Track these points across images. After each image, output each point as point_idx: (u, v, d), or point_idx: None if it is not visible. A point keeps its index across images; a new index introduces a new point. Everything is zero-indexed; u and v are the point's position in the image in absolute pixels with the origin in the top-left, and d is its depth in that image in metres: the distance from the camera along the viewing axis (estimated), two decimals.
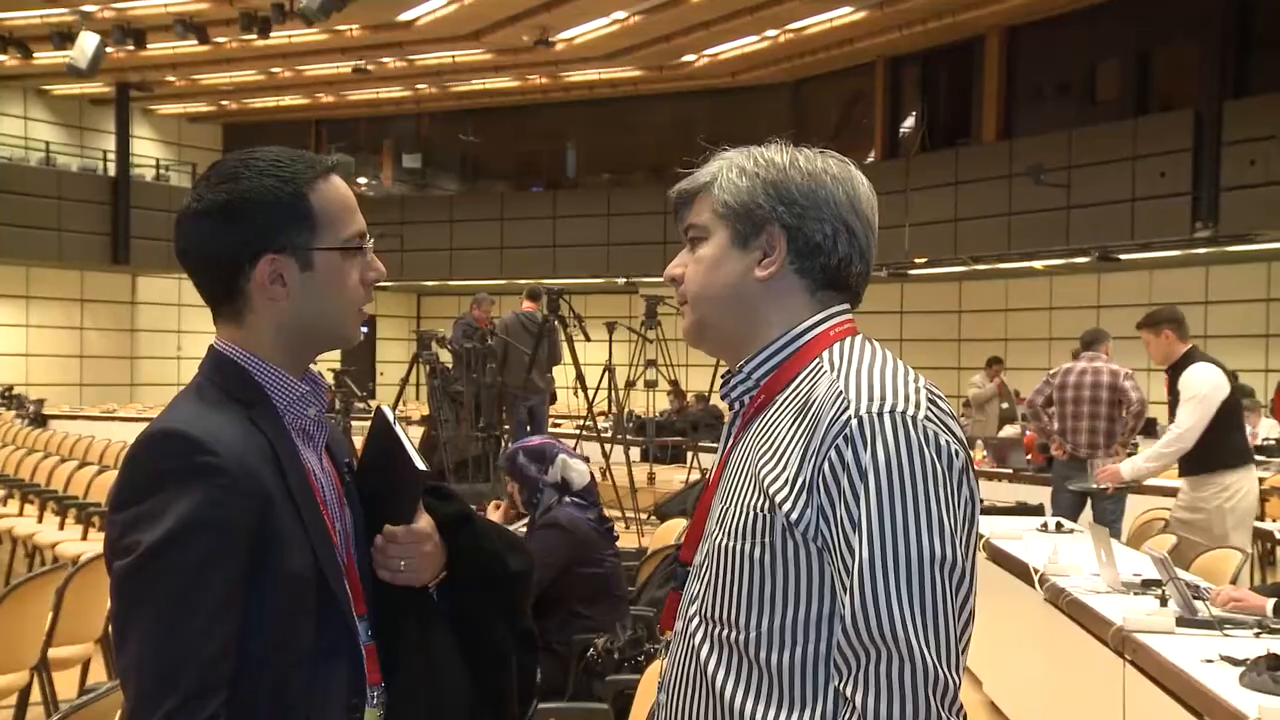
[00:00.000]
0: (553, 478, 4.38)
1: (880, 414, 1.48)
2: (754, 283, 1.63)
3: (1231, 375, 6.37)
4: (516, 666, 1.83)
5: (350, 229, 1.69)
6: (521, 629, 1.86)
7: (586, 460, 4.78)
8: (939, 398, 1.55)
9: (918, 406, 1.50)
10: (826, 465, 1.48)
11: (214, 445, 1.53)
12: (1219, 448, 6.14)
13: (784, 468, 1.51)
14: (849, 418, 1.48)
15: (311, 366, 1.77)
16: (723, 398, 1.71)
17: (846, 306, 1.67)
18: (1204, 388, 6.15)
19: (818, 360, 1.59)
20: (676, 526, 6.40)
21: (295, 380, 1.69)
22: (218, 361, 1.67)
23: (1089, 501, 7.52)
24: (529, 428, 11.11)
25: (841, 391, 1.51)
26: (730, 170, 1.67)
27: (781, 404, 1.58)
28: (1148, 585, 4.43)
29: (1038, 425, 8.40)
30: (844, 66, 20.44)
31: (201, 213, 1.64)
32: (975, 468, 1.55)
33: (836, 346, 1.60)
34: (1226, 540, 6.00)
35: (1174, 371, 6.37)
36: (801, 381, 1.58)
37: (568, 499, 4.36)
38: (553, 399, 12.34)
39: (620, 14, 17.85)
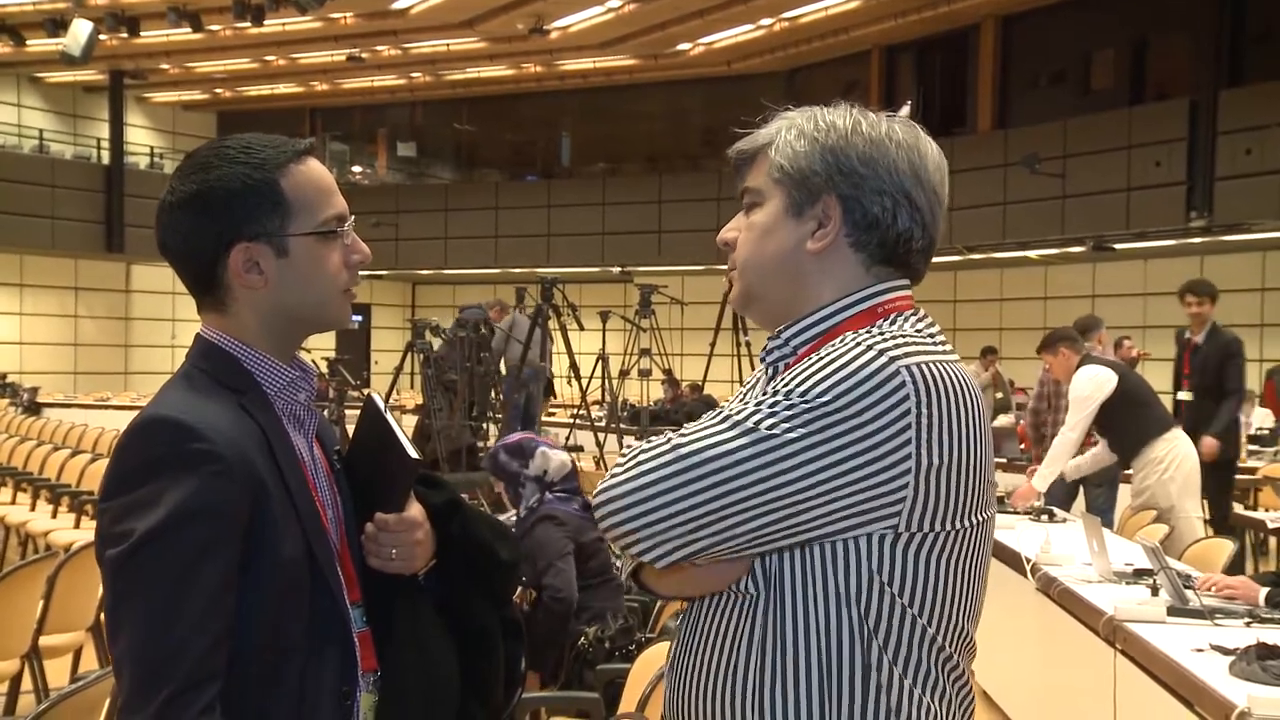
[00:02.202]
0: (534, 471, 4.39)
1: (860, 343, 1.46)
2: (806, 254, 1.55)
3: (1125, 366, 6.94)
4: (503, 653, 1.83)
5: (327, 212, 1.67)
6: (508, 617, 1.86)
7: (579, 449, 4.80)
8: (959, 378, 1.48)
9: (906, 357, 1.44)
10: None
11: (206, 432, 1.52)
12: (1136, 425, 6.60)
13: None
14: (832, 344, 1.49)
15: (303, 354, 1.76)
16: (761, 360, 1.64)
17: (904, 282, 1.59)
18: (1084, 390, 6.59)
19: (856, 334, 1.51)
20: None
21: (284, 366, 1.68)
22: (206, 349, 1.66)
23: (1080, 490, 7.56)
24: (522, 415, 11.11)
25: (852, 335, 1.49)
26: (789, 132, 1.57)
27: None
28: (1139, 575, 4.45)
29: (1034, 421, 8.48)
30: (839, 55, 20.43)
31: (175, 205, 1.64)
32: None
33: (884, 321, 1.53)
34: (1179, 511, 6.40)
35: None
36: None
37: (549, 495, 4.37)
38: (549, 389, 12.31)
39: (615, 2, 17.82)
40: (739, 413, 1.44)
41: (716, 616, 1.53)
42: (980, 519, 1.51)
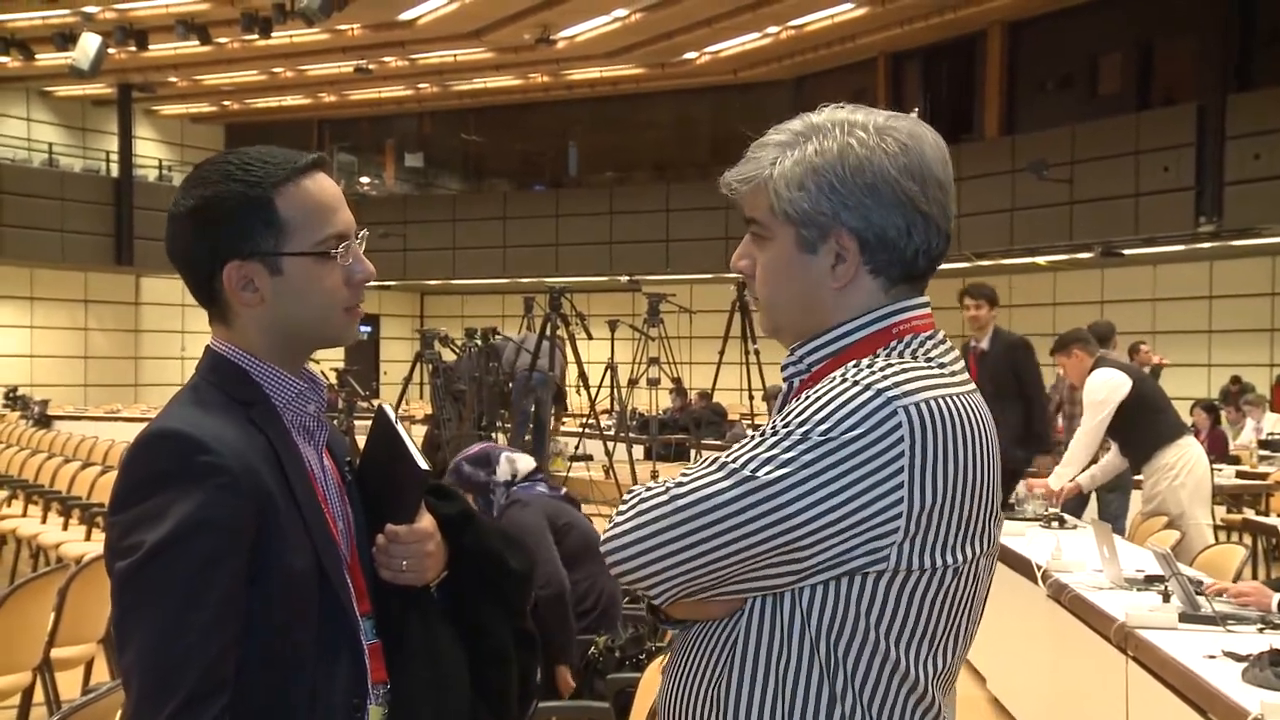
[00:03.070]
0: (502, 476, 4.37)
1: (858, 381, 1.45)
2: (828, 289, 1.54)
3: (1140, 371, 6.93)
4: (517, 665, 1.83)
5: (324, 231, 1.65)
6: (521, 629, 1.86)
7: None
8: (965, 411, 1.47)
9: (905, 395, 1.43)
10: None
11: (213, 444, 1.52)
12: (1149, 430, 6.59)
13: None
14: (831, 378, 1.48)
15: (311, 365, 1.76)
16: (780, 371, 1.66)
17: (923, 300, 1.58)
18: (1099, 393, 6.58)
19: (872, 356, 1.51)
20: None
21: (292, 377, 1.68)
22: (214, 362, 1.66)
23: (1094, 497, 7.55)
24: (532, 426, 11.12)
25: (854, 369, 1.48)
26: (784, 163, 1.53)
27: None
28: (1151, 581, 4.44)
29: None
30: (846, 63, 20.45)
31: (176, 217, 1.64)
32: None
33: (897, 343, 1.53)
34: (1189, 517, 6.40)
35: None
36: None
37: (515, 487, 4.36)
38: (560, 399, 12.30)
39: (621, 11, 17.85)
40: (733, 458, 1.46)
41: (706, 629, 1.56)
42: (978, 550, 1.50)
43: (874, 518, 1.40)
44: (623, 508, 1.51)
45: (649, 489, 1.50)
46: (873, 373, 1.45)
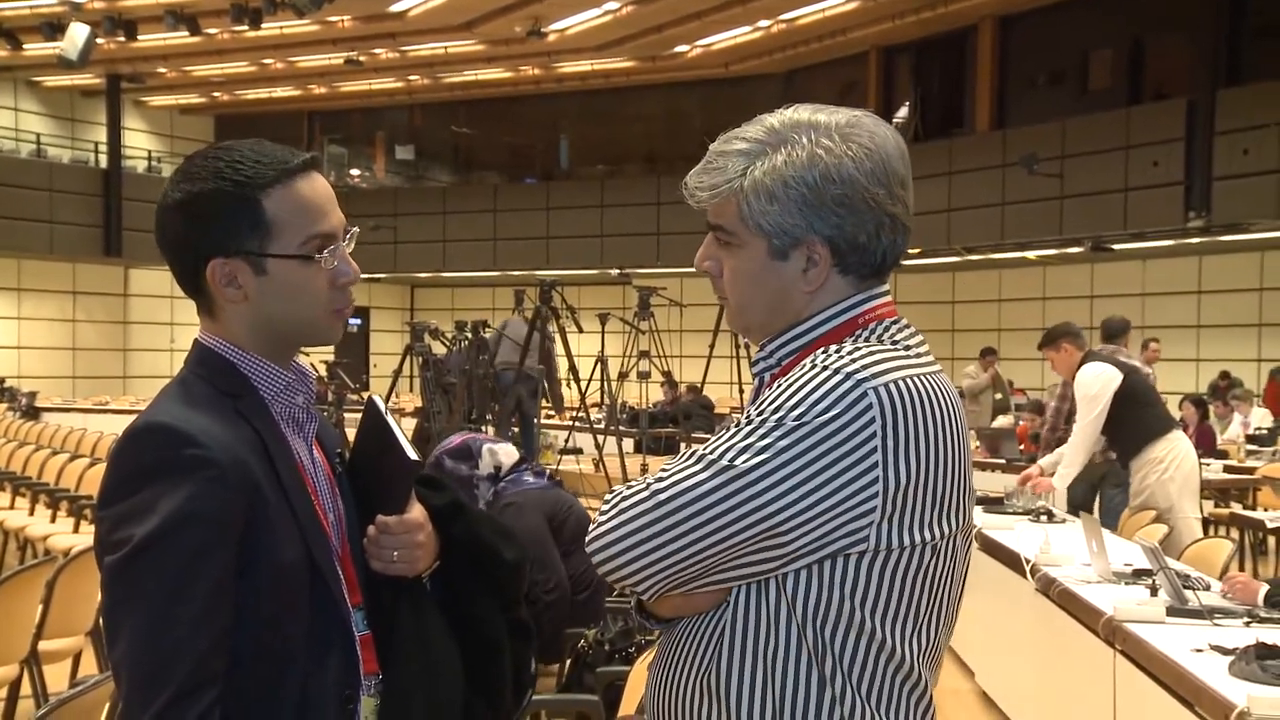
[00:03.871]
0: (484, 470, 4.35)
1: (827, 366, 1.48)
2: (800, 291, 1.57)
3: (1131, 365, 6.89)
4: (511, 657, 1.83)
5: (311, 234, 1.63)
6: (516, 619, 1.86)
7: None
8: (933, 390, 1.50)
9: (874, 377, 1.46)
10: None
11: (200, 437, 1.52)
12: (1138, 425, 6.58)
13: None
14: (802, 365, 1.50)
15: (301, 357, 1.75)
16: (752, 372, 1.69)
17: (884, 289, 1.61)
18: (1092, 386, 6.57)
19: (839, 343, 1.54)
20: None
21: (280, 370, 1.67)
22: (202, 355, 1.66)
23: (1099, 492, 7.56)
24: (515, 416, 11.11)
25: (823, 354, 1.51)
26: (754, 180, 1.55)
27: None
28: (1139, 575, 4.45)
29: (1053, 436, 8.30)
30: (837, 56, 20.45)
31: (164, 209, 1.64)
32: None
33: (863, 332, 1.56)
34: (1178, 511, 6.40)
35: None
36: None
37: (500, 483, 4.33)
38: (544, 394, 12.28)
39: (612, 4, 17.84)
40: (710, 449, 1.48)
41: (692, 623, 1.57)
42: (954, 525, 1.52)
43: (851, 498, 1.43)
44: (605, 507, 1.53)
45: (630, 487, 1.52)
46: (841, 357, 1.49)
